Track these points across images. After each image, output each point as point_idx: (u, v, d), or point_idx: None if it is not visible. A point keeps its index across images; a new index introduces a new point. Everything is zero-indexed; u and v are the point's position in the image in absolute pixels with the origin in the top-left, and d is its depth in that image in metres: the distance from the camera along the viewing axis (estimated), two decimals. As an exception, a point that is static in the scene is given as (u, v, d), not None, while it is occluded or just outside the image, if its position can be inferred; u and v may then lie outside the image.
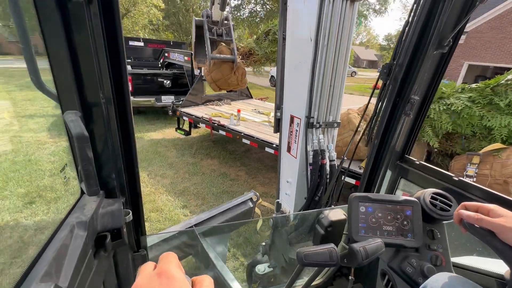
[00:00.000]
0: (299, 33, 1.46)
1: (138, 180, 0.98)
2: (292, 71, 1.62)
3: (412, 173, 1.38)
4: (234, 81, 2.54)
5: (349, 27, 1.38)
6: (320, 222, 0.94)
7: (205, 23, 2.29)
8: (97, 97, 0.75)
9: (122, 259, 0.95)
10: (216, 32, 2.38)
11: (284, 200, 2.00)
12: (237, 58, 2.35)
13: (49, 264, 0.56)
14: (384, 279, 1.06)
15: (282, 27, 1.72)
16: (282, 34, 1.75)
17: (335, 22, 1.33)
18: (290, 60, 1.62)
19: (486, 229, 0.70)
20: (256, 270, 1.95)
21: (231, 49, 2.38)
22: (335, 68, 1.46)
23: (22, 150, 4.25)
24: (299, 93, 1.52)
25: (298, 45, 1.50)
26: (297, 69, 1.54)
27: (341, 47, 1.41)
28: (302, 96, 1.49)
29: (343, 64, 1.47)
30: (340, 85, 1.52)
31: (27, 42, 0.67)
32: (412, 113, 1.31)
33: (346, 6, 1.33)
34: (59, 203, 3.26)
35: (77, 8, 0.65)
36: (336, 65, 1.45)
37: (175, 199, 3.94)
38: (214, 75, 2.46)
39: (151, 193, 4.05)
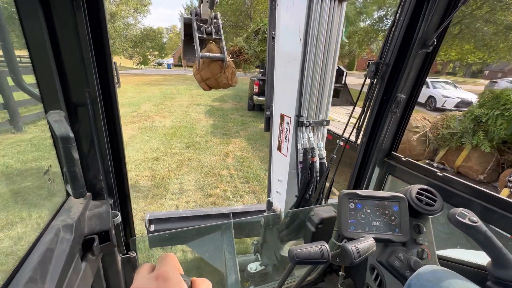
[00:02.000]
0: (289, 32, 1.47)
1: (127, 181, 0.96)
2: (282, 70, 1.64)
3: (399, 170, 1.42)
4: (224, 80, 2.50)
5: (337, 27, 1.41)
6: (310, 220, 0.95)
7: (194, 21, 2.24)
8: (83, 96, 0.73)
9: (111, 262, 0.93)
10: (205, 31, 2.31)
11: (275, 199, 2.01)
12: (226, 57, 2.29)
13: (33, 269, 0.54)
14: (373, 274, 1.09)
15: (271, 26, 1.74)
16: (272, 34, 1.76)
17: (324, 22, 1.35)
18: (280, 59, 1.64)
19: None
20: (248, 268, 1.95)
21: (220, 48, 2.33)
22: (324, 67, 1.48)
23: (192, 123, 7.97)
24: (289, 92, 1.54)
25: (288, 44, 1.52)
26: (286, 68, 1.56)
27: (330, 46, 1.43)
28: (292, 95, 1.50)
29: (332, 63, 1.50)
30: (329, 84, 1.55)
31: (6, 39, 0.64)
32: (399, 111, 1.34)
33: (334, 6, 1.35)
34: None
35: (60, 4, 0.62)
36: (326, 64, 1.48)
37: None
38: (203, 74, 2.42)
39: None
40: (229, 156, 5.68)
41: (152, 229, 2.36)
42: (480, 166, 2.98)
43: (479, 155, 3.00)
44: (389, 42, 1.26)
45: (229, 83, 2.64)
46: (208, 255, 1.84)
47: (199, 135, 6.97)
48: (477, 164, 3.00)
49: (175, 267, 0.40)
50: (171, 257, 0.42)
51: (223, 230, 1.63)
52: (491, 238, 0.74)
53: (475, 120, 3.07)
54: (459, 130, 3.18)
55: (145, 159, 5.11)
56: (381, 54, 1.31)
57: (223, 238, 1.63)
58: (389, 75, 1.30)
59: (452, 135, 3.27)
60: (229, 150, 6.02)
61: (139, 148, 5.66)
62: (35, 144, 1.86)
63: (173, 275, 0.37)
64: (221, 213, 2.57)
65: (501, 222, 0.96)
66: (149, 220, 2.40)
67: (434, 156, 3.55)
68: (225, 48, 2.34)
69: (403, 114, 1.39)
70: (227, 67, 2.42)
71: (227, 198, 4.06)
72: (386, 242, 0.95)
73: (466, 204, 1.06)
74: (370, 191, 0.99)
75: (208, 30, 2.33)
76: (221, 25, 2.37)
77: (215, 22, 2.35)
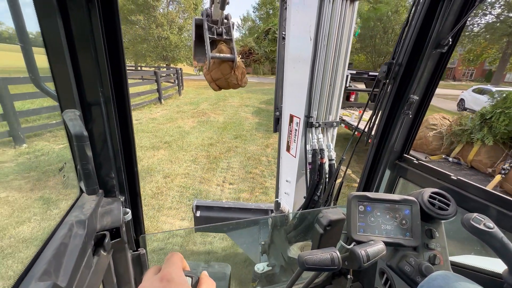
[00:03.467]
0: (299, 32, 1.46)
1: (138, 179, 0.98)
2: (291, 70, 1.63)
3: (411, 173, 1.38)
4: (234, 80, 2.51)
5: (349, 27, 1.39)
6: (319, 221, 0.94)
7: (205, 22, 2.25)
8: (97, 96, 0.75)
9: (121, 258, 0.95)
10: (216, 31, 2.33)
11: (284, 199, 2.00)
12: (237, 57, 2.31)
13: (48, 262, 0.56)
14: (383, 278, 1.07)
15: (282, 26, 1.73)
16: (282, 34, 1.75)
17: (335, 22, 1.33)
18: (290, 59, 1.63)
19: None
20: (255, 269, 1.95)
21: (230, 48, 2.32)
22: (335, 68, 1.46)
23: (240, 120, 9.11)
24: (299, 92, 1.53)
25: (298, 44, 1.51)
26: (296, 69, 1.55)
27: (341, 47, 1.41)
28: (301, 95, 1.49)
29: (343, 64, 1.48)
30: (340, 85, 1.53)
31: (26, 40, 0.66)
32: (411, 112, 1.31)
33: (346, 6, 1.33)
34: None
35: (76, 7, 0.64)
36: (337, 65, 1.46)
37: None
38: (213, 74, 2.42)
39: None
40: (269, 147, 6.73)
41: (198, 214, 2.54)
42: (489, 160, 3.29)
43: (487, 149, 3.35)
44: (402, 42, 1.23)
45: (239, 83, 2.65)
46: (245, 246, 2.06)
47: (245, 129, 8.28)
48: (486, 158, 3.33)
49: (179, 267, 0.42)
50: (177, 257, 0.44)
51: (261, 225, 1.74)
52: (507, 244, 0.71)
53: (481, 117, 3.47)
54: (469, 127, 3.56)
55: (202, 144, 6.62)
56: (394, 54, 1.28)
57: (260, 233, 1.71)
58: (401, 75, 1.27)
59: (463, 131, 3.63)
60: (269, 142, 7.06)
61: (198, 136, 7.28)
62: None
63: (177, 276, 0.40)
64: (260, 208, 2.64)
65: None
66: (196, 206, 2.58)
67: (451, 152, 3.88)
68: (235, 49, 2.35)
69: (415, 116, 1.36)
70: (237, 67, 2.41)
71: (263, 176, 5.02)
72: (397, 246, 0.93)
73: (481, 209, 1.02)
74: (380, 194, 0.97)
75: (219, 31, 2.36)
76: (231, 25, 2.38)
77: (225, 22, 2.36)
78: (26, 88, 4.80)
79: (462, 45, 18.62)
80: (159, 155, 5.67)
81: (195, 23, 2.42)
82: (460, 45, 17.81)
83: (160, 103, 11.24)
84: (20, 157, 4.27)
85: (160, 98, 11.35)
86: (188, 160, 5.47)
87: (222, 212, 2.59)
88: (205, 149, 6.26)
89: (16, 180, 3.58)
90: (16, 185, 3.45)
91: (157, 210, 3.63)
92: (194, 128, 8.12)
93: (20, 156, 4.31)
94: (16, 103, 4.67)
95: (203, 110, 10.69)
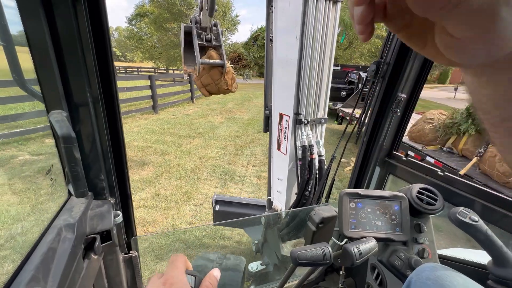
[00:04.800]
0: (286, 33, 1.49)
1: (128, 180, 0.96)
2: (280, 70, 1.65)
3: (400, 169, 1.42)
4: (224, 85, 2.56)
5: (333, 27, 1.43)
6: (311, 219, 0.95)
7: (194, 29, 2.31)
8: (84, 96, 0.73)
9: (112, 261, 0.93)
10: (205, 38, 2.41)
11: (276, 198, 2.01)
12: (226, 62, 2.36)
13: (36, 268, 0.55)
14: (374, 273, 1.09)
15: (269, 29, 1.77)
16: (269, 36, 1.79)
17: (319, 22, 1.38)
18: (278, 59, 1.65)
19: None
20: (249, 268, 1.95)
21: (220, 54, 2.40)
22: (321, 66, 1.50)
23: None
24: (287, 91, 1.56)
25: (285, 45, 1.54)
26: (284, 68, 1.58)
27: (326, 46, 1.45)
28: (290, 94, 1.52)
29: (329, 62, 1.52)
30: (326, 82, 1.57)
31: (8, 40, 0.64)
32: (400, 110, 1.34)
33: (329, 7, 1.38)
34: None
35: (61, 4, 0.63)
36: (322, 64, 1.50)
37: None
38: (203, 80, 2.49)
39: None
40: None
41: (217, 208, 2.62)
42: (474, 148, 3.79)
43: (473, 139, 3.85)
44: (390, 41, 1.26)
45: (229, 89, 2.72)
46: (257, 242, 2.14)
47: (267, 125, 9.56)
48: (472, 147, 3.83)
49: (182, 270, 0.44)
50: (180, 259, 0.46)
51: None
52: (491, 237, 0.74)
53: (467, 111, 3.98)
54: (459, 120, 4.08)
55: (230, 135, 7.78)
56: (382, 53, 1.31)
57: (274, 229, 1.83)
58: (390, 74, 1.30)
59: (454, 124, 4.15)
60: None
61: (226, 129, 8.43)
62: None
63: (179, 279, 0.42)
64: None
65: (502, 221, 0.96)
66: (215, 200, 2.67)
67: (445, 143, 4.41)
68: (224, 55, 2.42)
69: (403, 114, 1.39)
70: (227, 72, 2.49)
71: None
72: (387, 242, 0.95)
73: (467, 204, 1.06)
74: (370, 191, 0.99)
75: (208, 37, 2.43)
76: (220, 32, 2.45)
77: (214, 29, 2.45)
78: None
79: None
80: (194, 142, 6.96)
81: (184, 30, 2.49)
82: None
83: (192, 101, 12.83)
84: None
85: (192, 98, 12.98)
86: (218, 147, 6.63)
87: (240, 208, 2.68)
88: (232, 140, 7.37)
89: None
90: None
91: (196, 180, 4.75)
92: (222, 123, 9.37)
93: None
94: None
95: (230, 109, 11.91)
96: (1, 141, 4.61)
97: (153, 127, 8.10)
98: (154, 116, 9.85)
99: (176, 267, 0.44)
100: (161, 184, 4.50)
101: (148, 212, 3.68)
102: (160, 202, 3.92)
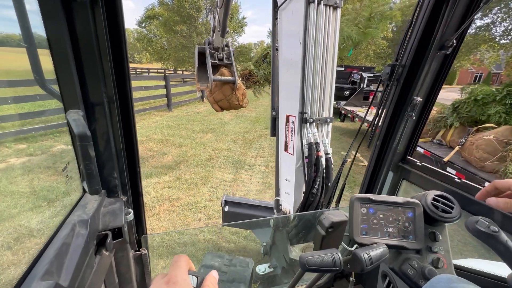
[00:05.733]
0: (290, 38, 1.57)
1: (140, 179, 0.98)
2: (285, 73, 1.70)
3: (414, 175, 1.37)
4: (235, 101, 2.75)
5: (334, 30, 1.50)
6: (321, 223, 0.93)
7: (207, 49, 2.55)
8: (100, 97, 0.76)
9: (123, 258, 0.95)
10: (217, 57, 2.63)
11: (284, 200, 2.00)
12: (237, 79, 2.55)
13: (50, 262, 0.56)
14: (385, 281, 1.06)
15: (275, 39, 1.89)
16: (275, 45, 1.89)
17: (321, 26, 1.45)
18: (284, 64, 1.71)
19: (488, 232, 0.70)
20: (257, 270, 1.95)
21: (231, 72, 2.60)
22: (324, 68, 1.55)
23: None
24: (293, 93, 1.60)
25: (290, 49, 1.60)
26: (289, 71, 1.63)
27: (328, 49, 1.51)
28: (295, 95, 1.57)
29: (332, 64, 1.57)
30: (330, 83, 1.61)
31: (31, 41, 0.67)
32: (415, 114, 1.30)
33: (329, 12, 1.46)
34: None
35: (81, 8, 0.65)
36: (326, 65, 1.55)
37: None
38: (216, 96, 2.69)
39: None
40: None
41: (226, 209, 2.71)
42: (458, 139, 4.34)
43: (458, 131, 4.48)
44: (406, 43, 1.23)
45: (240, 104, 2.93)
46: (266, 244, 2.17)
47: (273, 123, 10.30)
48: (457, 138, 4.39)
49: (184, 270, 0.45)
50: (183, 259, 0.47)
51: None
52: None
53: (453, 106, 4.68)
54: (446, 114, 4.73)
55: (239, 131, 8.50)
56: (397, 55, 1.28)
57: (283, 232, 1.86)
58: (405, 77, 1.26)
59: (442, 118, 4.79)
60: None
61: (235, 126, 9.11)
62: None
63: (181, 279, 0.43)
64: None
65: None
66: (225, 201, 2.75)
67: (436, 135, 4.94)
68: (235, 72, 2.62)
69: (419, 118, 1.35)
70: (238, 88, 2.70)
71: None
72: (399, 249, 0.92)
73: (486, 213, 1.01)
74: (383, 196, 0.97)
75: (220, 57, 2.66)
76: (232, 51, 2.67)
77: (226, 49, 2.67)
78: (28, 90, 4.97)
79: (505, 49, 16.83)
80: (207, 136, 7.68)
81: (198, 51, 2.71)
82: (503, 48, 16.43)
83: (203, 100, 13.44)
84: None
85: (203, 97, 13.57)
86: (229, 141, 7.37)
87: (248, 209, 2.74)
88: (242, 135, 8.10)
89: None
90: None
91: (211, 167, 5.46)
92: (232, 120, 10.03)
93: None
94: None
95: (238, 107, 13.18)
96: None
97: (168, 123, 8.92)
98: (168, 113, 10.76)
99: (179, 267, 0.45)
100: (181, 170, 5.19)
101: (173, 191, 4.35)
102: (181, 184, 4.60)
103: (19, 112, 5.17)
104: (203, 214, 3.78)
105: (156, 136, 7.32)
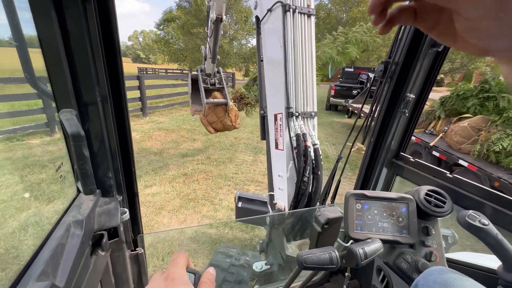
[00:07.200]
0: (272, 45, 1.71)
1: (135, 178, 0.98)
2: (271, 77, 1.84)
3: (407, 171, 1.39)
4: (228, 122, 2.89)
5: (310, 35, 1.65)
6: (316, 220, 0.94)
7: (200, 76, 2.74)
8: (93, 96, 0.75)
9: (119, 257, 0.95)
10: (209, 82, 2.81)
11: (278, 196, 2.01)
12: (229, 101, 2.72)
13: (45, 263, 0.56)
14: (380, 275, 1.08)
15: (259, 51, 1.99)
16: (260, 57, 2.01)
17: (298, 31, 1.60)
18: (269, 69, 1.84)
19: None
20: (254, 267, 1.96)
21: (223, 95, 2.78)
22: (304, 67, 1.68)
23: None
24: (278, 93, 1.72)
25: (273, 55, 1.74)
26: (274, 74, 1.75)
27: (306, 51, 1.67)
28: (281, 95, 1.69)
29: (311, 63, 1.70)
30: (312, 80, 1.73)
31: (21, 40, 0.66)
32: (408, 111, 1.32)
33: (304, 19, 1.62)
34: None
35: (72, 6, 0.64)
36: (305, 65, 1.68)
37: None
38: (209, 118, 2.84)
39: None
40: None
41: (240, 205, 2.78)
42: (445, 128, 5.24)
43: (445, 122, 5.24)
44: (399, 41, 1.24)
45: (233, 125, 3.06)
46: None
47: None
48: (443, 127, 5.12)
49: (182, 267, 0.46)
50: (181, 257, 0.48)
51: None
52: (502, 241, 0.72)
53: (441, 100, 5.53)
54: (435, 108, 5.53)
55: (255, 124, 9.06)
56: (390, 53, 1.29)
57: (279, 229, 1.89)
58: (398, 74, 1.28)
59: (432, 111, 5.57)
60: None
61: (251, 120, 9.46)
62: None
63: (179, 275, 0.44)
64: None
65: None
66: (238, 197, 2.80)
67: (427, 126, 5.69)
68: (227, 94, 2.78)
69: (412, 114, 1.37)
70: (230, 110, 2.85)
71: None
72: (394, 244, 0.94)
73: (477, 207, 1.04)
74: (377, 192, 0.98)
75: (212, 82, 2.84)
76: (223, 76, 2.86)
77: (217, 75, 2.84)
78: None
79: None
80: None
81: (191, 78, 2.87)
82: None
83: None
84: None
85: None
86: (247, 132, 8.60)
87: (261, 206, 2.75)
88: (258, 127, 8.49)
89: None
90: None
91: (234, 151, 6.73)
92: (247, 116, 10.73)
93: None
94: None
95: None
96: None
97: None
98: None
99: (178, 264, 0.46)
100: (209, 152, 6.53)
101: (205, 166, 5.62)
102: (211, 162, 5.89)
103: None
104: (231, 182, 5.00)
105: (185, 126, 8.76)
